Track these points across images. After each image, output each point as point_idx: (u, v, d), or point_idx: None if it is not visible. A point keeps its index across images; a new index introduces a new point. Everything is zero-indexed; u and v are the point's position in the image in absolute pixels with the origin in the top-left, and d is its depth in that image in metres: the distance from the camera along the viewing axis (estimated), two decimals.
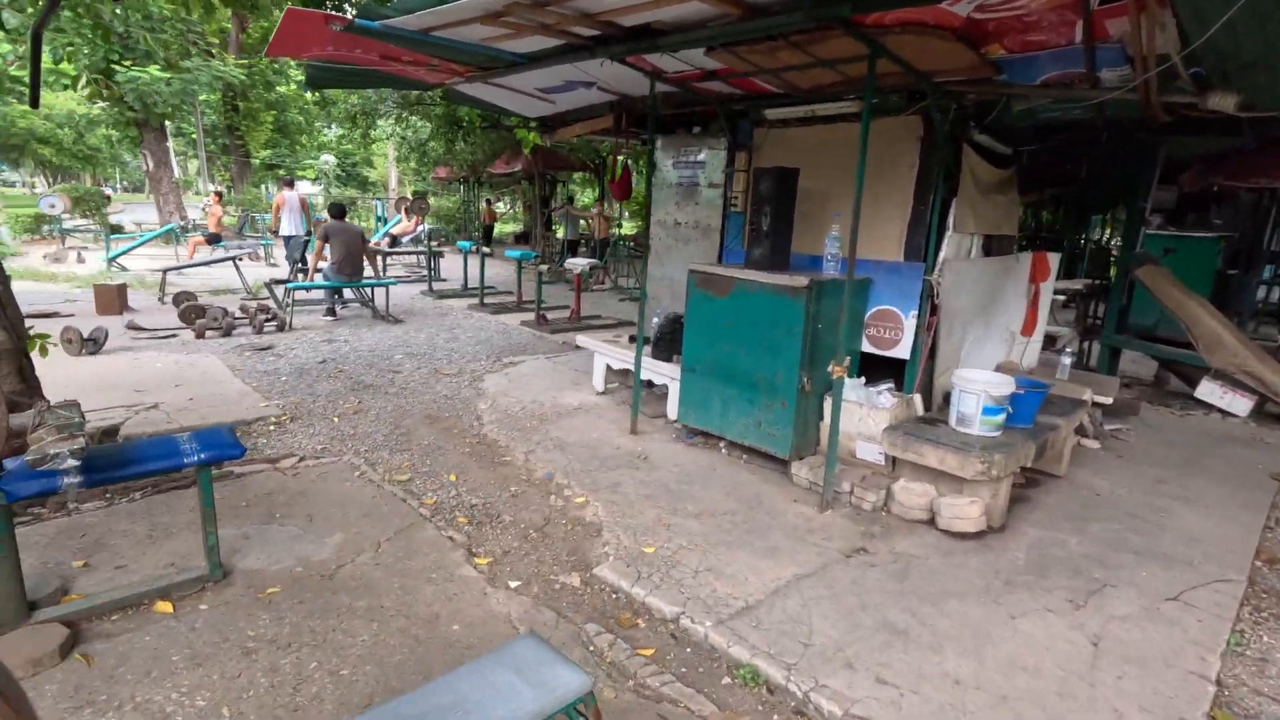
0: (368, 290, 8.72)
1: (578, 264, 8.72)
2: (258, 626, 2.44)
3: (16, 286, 9.76)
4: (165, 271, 9.52)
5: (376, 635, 2.43)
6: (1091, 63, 3.15)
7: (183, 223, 17.28)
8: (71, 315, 7.99)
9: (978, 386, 3.49)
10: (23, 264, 12.36)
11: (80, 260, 13.32)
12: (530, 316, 8.73)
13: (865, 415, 3.79)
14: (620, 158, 7.21)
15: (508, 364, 6.52)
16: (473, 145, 13.38)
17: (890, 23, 3.01)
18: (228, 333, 7.25)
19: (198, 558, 2.75)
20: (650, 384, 5.09)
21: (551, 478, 3.88)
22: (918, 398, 4.02)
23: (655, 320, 5.04)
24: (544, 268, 8.35)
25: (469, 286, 11.03)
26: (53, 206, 15.49)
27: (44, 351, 4.14)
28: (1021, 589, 2.89)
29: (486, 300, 9.94)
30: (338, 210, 8.35)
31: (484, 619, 2.57)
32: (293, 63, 25.75)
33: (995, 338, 4.88)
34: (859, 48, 3.14)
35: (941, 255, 3.95)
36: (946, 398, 3.98)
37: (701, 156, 5.31)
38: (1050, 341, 6.49)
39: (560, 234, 15.23)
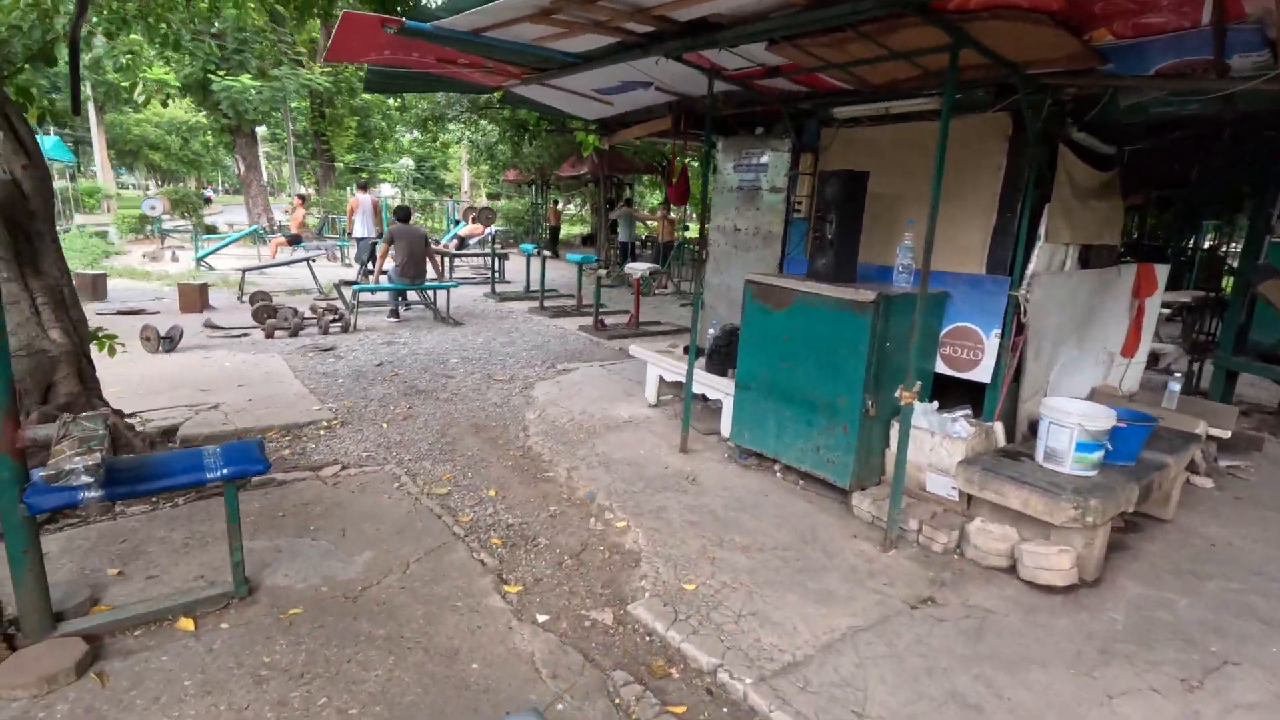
0: (430, 292, 8.81)
1: (637, 268, 8.54)
2: (274, 652, 2.34)
3: (114, 284, 10.45)
4: (244, 271, 9.93)
5: (391, 670, 2.29)
6: (1220, 47, 2.71)
7: (265, 224, 18.20)
8: (157, 313, 8.41)
9: (1071, 419, 3.08)
10: (123, 262, 13.22)
11: (174, 259, 14.14)
12: (589, 321, 8.62)
13: (937, 444, 3.42)
14: (679, 160, 6.97)
15: (561, 371, 6.39)
16: (539, 148, 13.43)
17: (976, 7, 2.67)
18: (295, 333, 7.44)
19: (227, 571, 2.70)
20: (704, 398, 4.84)
21: (593, 498, 3.69)
22: (999, 427, 3.62)
23: (711, 331, 4.78)
24: (602, 271, 8.21)
25: (531, 289, 11.05)
26: (153, 208, 16.57)
27: (112, 352, 4.27)
28: (1120, 661, 2.49)
29: (546, 304, 9.91)
30: (403, 213, 8.47)
31: (505, 658, 2.39)
32: None
33: (1091, 359, 4.38)
34: (939, 37, 2.80)
35: (1030, 268, 3.53)
36: (1033, 427, 3.56)
37: (764, 159, 5.02)
38: (1153, 360, 5.85)
39: (624, 238, 15.09)
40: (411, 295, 9.00)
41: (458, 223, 19.59)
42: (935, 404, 3.62)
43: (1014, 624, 2.68)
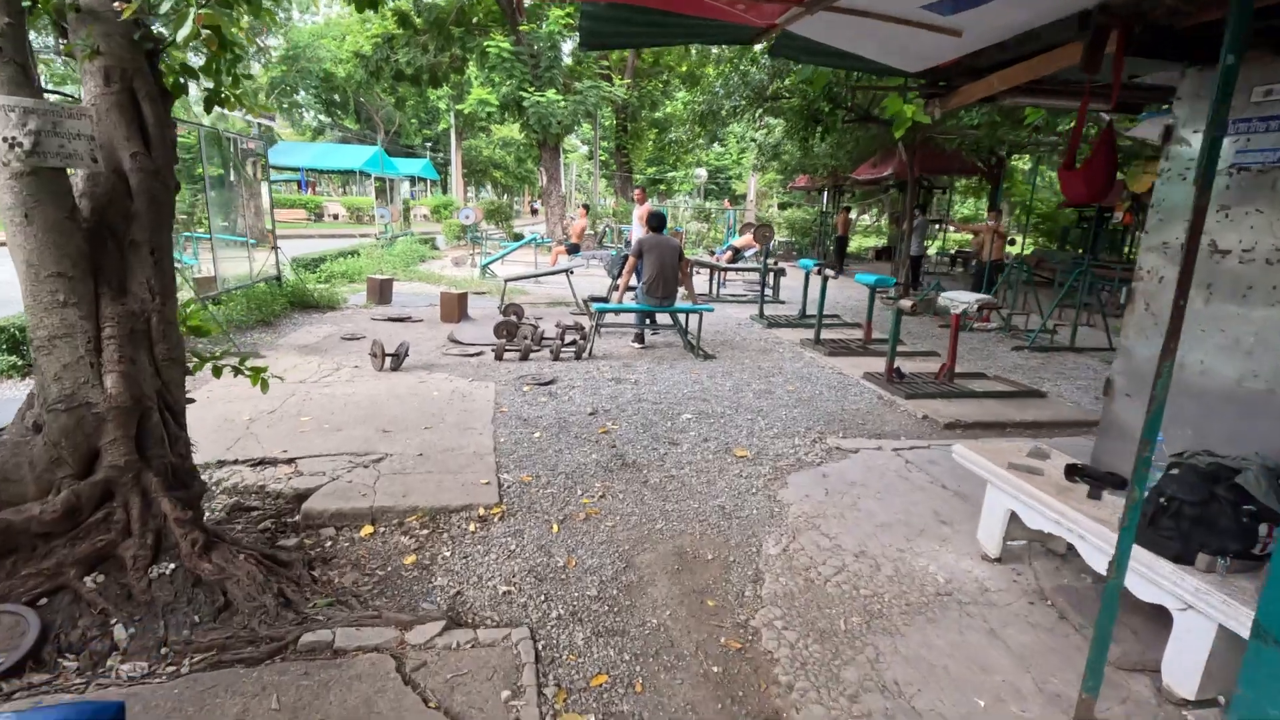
0: (682, 316, 7.33)
1: (959, 299, 5.98)
2: None
3: (404, 288, 10.86)
4: (506, 281, 9.62)
5: None
6: None
7: (562, 233, 18.92)
8: (421, 320, 8.33)
9: None
10: (430, 267, 14.37)
11: (473, 265, 15.09)
12: (879, 365, 6.32)
13: None
14: (1090, 123, 4.32)
15: (831, 450, 4.32)
16: (832, 145, 11.24)
17: None
18: (525, 355, 6.52)
19: None
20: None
21: None
22: None
23: (1157, 465, 2.32)
24: (906, 302, 5.86)
25: (807, 315, 9.04)
26: (467, 218, 18.19)
27: (265, 387, 3.41)
28: None
29: (823, 336, 7.79)
30: (656, 221, 7.11)
31: None
32: (678, 84, 26.94)
33: None
34: None
35: None
36: None
37: None
38: None
39: (913, 250, 12.06)
40: (662, 317, 7.64)
41: (734, 233, 18.29)
42: None
43: None
